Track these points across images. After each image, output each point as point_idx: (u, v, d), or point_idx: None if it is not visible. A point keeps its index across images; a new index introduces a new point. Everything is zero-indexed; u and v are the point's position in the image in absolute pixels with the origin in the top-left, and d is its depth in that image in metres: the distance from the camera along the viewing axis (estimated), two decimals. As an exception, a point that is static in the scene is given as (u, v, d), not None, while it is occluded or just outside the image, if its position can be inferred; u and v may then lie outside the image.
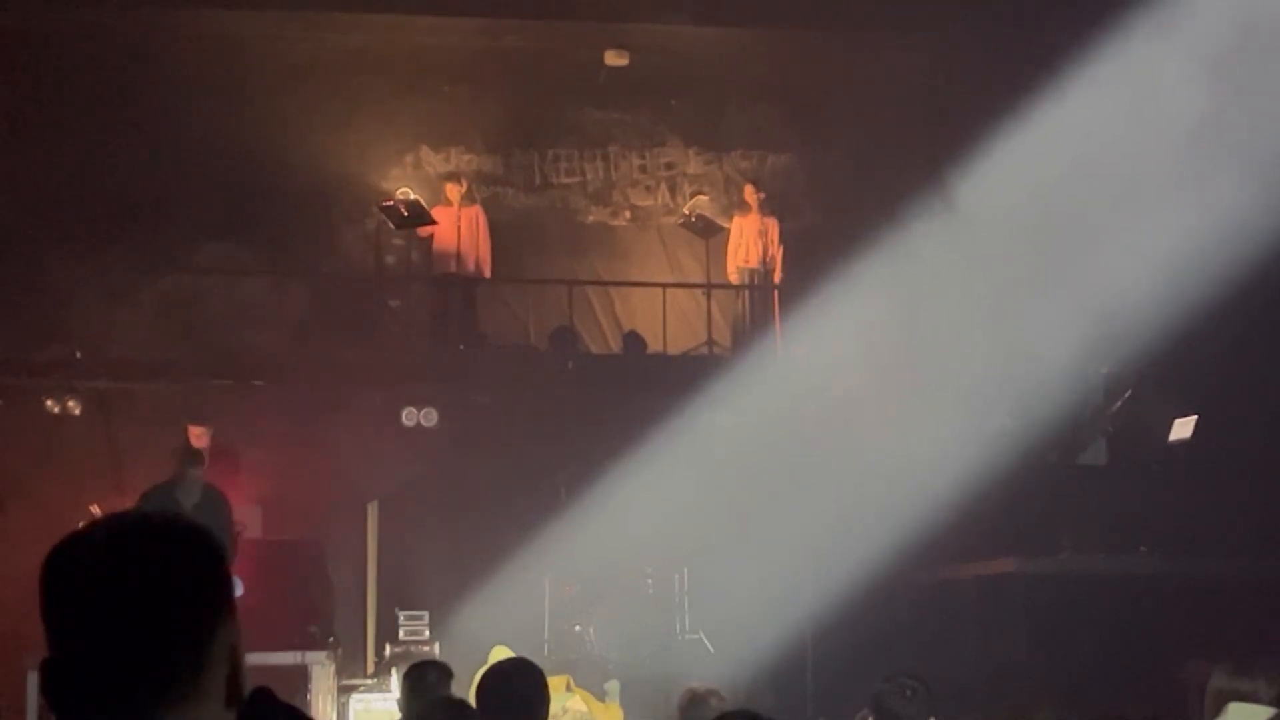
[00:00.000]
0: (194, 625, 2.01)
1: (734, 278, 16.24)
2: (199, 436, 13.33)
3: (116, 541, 2.02)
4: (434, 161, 17.11)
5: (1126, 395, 13.09)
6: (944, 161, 14.54)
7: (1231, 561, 12.45)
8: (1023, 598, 12.60)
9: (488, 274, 15.85)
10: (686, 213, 16.60)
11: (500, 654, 11.84)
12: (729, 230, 16.24)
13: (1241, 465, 12.73)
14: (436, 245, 15.64)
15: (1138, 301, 12.63)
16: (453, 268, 15.60)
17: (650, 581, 13.74)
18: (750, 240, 16.14)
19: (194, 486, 11.40)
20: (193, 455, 11.63)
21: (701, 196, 16.90)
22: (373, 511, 14.35)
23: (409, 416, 14.40)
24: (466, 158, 17.18)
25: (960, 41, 15.39)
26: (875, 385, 13.51)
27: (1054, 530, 13.03)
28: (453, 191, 15.77)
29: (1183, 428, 12.97)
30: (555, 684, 11.76)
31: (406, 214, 15.42)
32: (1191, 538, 12.63)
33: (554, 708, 6.35)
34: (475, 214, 15.77)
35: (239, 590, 9.74)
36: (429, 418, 14.44)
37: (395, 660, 13.24)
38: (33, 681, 11.23)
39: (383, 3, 15.83)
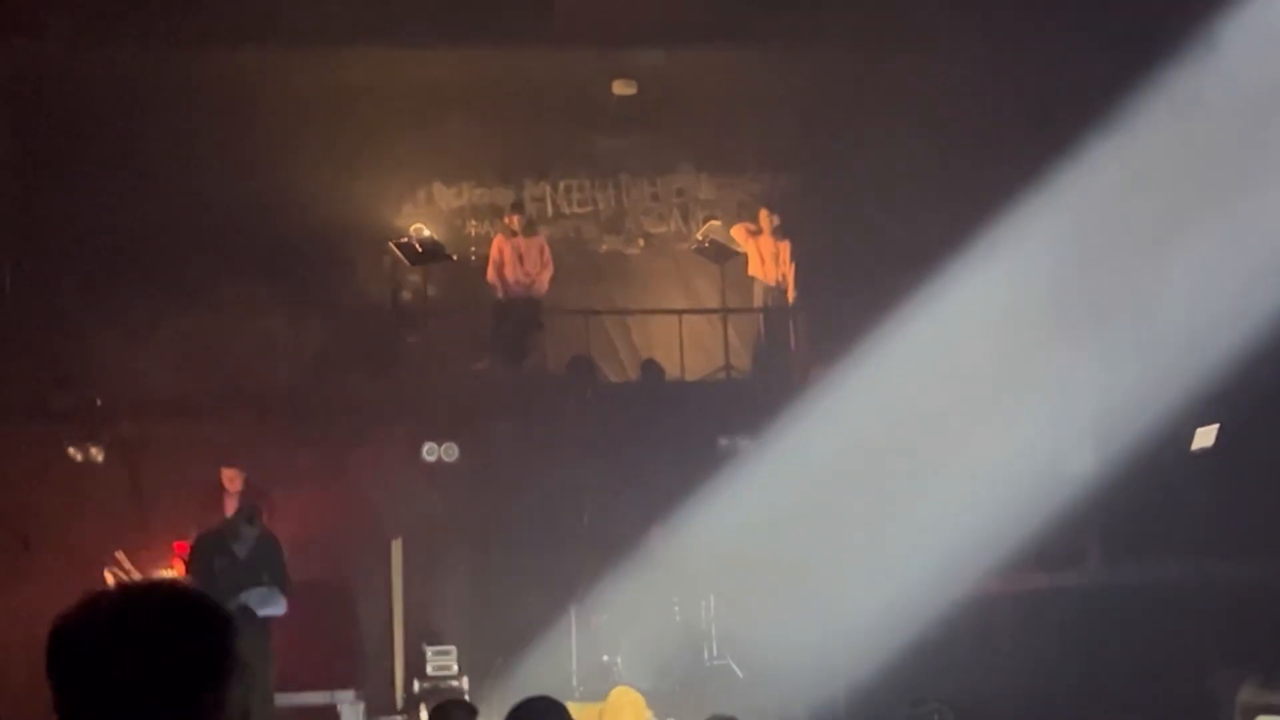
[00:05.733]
0: (203, 692, 2.08)
1: (758, 291, 16.32)
2: (231, 479, 13.37)
3: (121, 614, 2.07)
4: (446, 196, 17.18)
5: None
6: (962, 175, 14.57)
7: (1262, 570, 12.37)
8: (1054, 611, 12.55)
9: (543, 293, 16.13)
10: (700, 238, 16.62)
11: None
12: (745, 254, 16.29)
13: (1270, 471, 12.65)
14: (499, 274, 15.97)
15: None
16: (515, 293, 15.90)
17: (677, 609, 13.70)
18: (766, 261, 16.21)
19: (247, 537, 11.44)
20: (250, 513, 11.65)
21: (714, 221, 16.93)
22: (397, 548, 14.35)
23: (429, 452, 14.40)
24: (479, 191, 17.24)
25: (971, 52, 15.40)
26: (904, 407, 13.49)
27: (1081, 541, 12.99)
28: (514, 222, 16.06)
29: (1205, 436, 12.92)
30: (590, 713, 11.77)
31: (421, 250, 15.50)
32: (1221, 547, 12.56)
33: None
34: (539, 243, 16.06)
35: (282, 609, 9.89)
36: (450, 452, 14.43)
37: (424, 696, 13.23)
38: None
39: (389, 38, 15.89)
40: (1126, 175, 13.50)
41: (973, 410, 13.35)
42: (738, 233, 16.46)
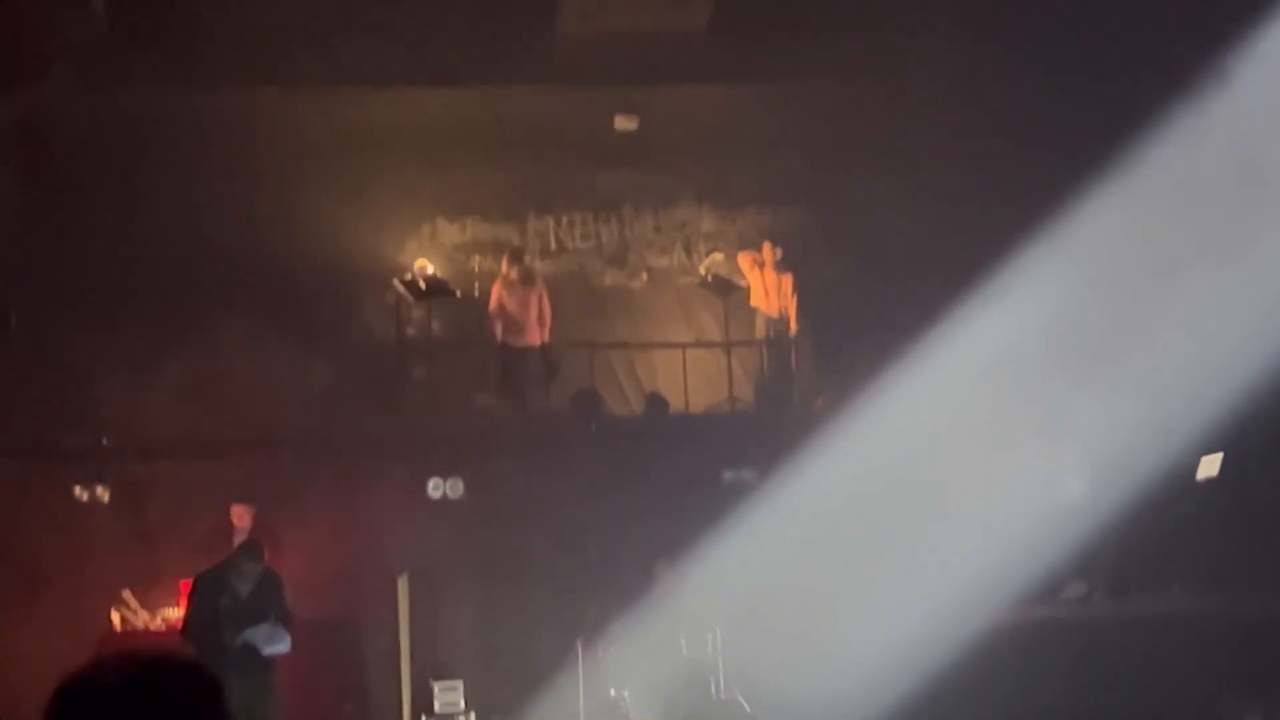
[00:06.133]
0: None
1: (760, 323, 16.31)
2: (240, 516, 13.37)
3: (118, 686, 2.16)
4: (450, 232, 17.23)
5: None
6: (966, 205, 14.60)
7: (1268, 602, 12.35)
8: (1060, 643, 12.53)
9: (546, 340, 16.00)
10: (703, 273, 16.66)
11: None
12: (749, 286, 16.32)
13: (1276, 503, 12.65)
14: (497, 318, 15.86)
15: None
16: (514, 339, 15.83)
17: (684, 643, 13.68)
18: (770, 294, 16.24)
19: (249, 574, 11.39)
20: (252, 550, 11.61)
21: (717, 255, 16.97)
22: (403, 584, 14.35)
23: (435, 487, 14.41)
24: (482, 227, 17.29)
25: (975, 87, 15.46)
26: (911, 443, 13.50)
27: (1086, 573, 12.97)
28: (512, 272, 15.95)
29: (1209, 465, 12.91)
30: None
31: (425, 286, 15.55)
32: (1226, 579, 12.54)
33: None
34: (537, 293, 15.97)
35: (287, 647, 9.96)
36: (455, 488, 14.45)
37: (432, 731, 13.22)
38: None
39: (391, 77, 15.97)
40: (1133, 210, 13.53)
41: (978, 443, 13.36)
42: (744, 260, 16.50)
